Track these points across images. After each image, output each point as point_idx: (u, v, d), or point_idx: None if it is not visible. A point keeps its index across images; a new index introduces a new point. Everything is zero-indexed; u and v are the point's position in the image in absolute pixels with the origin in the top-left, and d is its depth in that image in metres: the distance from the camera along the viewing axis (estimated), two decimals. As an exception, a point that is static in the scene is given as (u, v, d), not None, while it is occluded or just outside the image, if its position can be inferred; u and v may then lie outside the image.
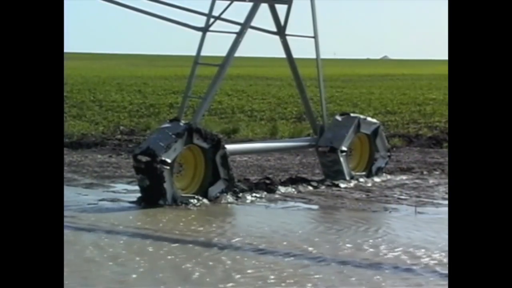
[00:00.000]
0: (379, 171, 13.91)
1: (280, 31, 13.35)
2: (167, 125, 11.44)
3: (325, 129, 13.53)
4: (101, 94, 31.55)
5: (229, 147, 12.47)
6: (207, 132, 11.56)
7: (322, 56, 13.86)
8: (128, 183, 12.72)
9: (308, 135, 16.39)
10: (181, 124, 11.25)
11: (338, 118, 13.77)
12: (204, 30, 12.50)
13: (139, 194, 11.20)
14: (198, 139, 11.22)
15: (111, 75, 50.15)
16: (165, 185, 10.80)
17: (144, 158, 10.75)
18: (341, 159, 13.16)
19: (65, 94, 27.32)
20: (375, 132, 13.96)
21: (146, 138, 12.55)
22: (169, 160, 10.80)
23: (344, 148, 13.21)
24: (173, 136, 10.93)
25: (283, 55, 13.70)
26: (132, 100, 29.19)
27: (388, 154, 14.24)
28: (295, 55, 13.59)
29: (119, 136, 20.00)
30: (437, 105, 27.99)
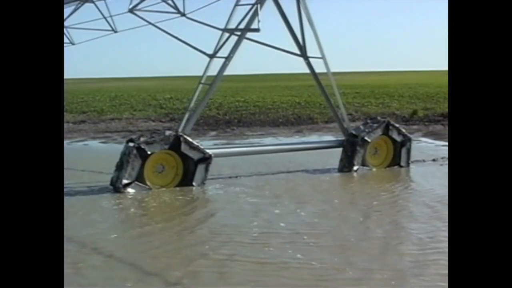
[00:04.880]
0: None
1: (302, 53, 16.03)
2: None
3: (348, 131, 16.70)
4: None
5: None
6: (194, 144, 14.58)
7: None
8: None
9: None
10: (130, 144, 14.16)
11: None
12: (211, 56, 16.53)
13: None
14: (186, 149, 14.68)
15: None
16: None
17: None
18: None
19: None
20: (403, 143, 17.02)
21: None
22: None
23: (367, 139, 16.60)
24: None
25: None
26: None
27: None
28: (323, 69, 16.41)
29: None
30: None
